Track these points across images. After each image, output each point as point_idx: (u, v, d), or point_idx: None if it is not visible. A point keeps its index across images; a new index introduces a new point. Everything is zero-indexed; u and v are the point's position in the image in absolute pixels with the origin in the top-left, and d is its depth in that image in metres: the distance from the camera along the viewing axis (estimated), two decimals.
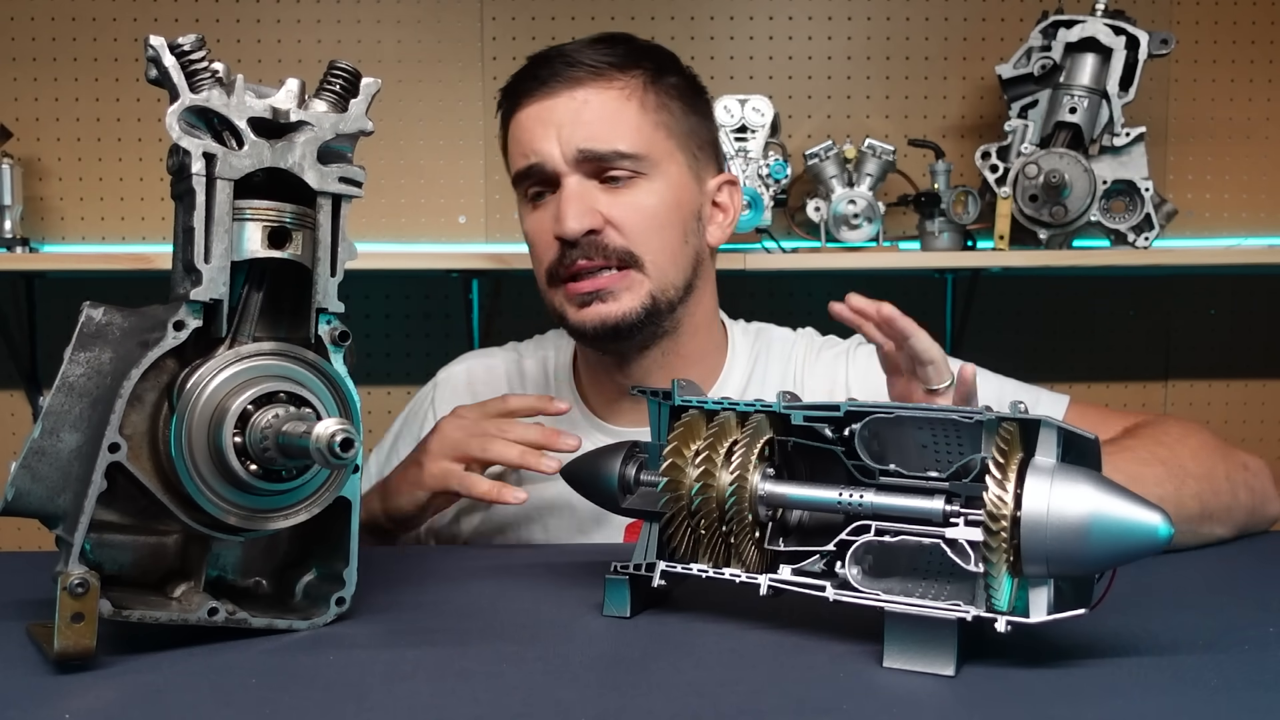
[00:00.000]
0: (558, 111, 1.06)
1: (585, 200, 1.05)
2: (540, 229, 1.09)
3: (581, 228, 1.04)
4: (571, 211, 1.04)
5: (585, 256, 1.05)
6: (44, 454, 0.66)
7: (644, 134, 1.08)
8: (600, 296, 1.06)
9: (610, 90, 1.07)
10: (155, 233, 2.12)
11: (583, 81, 1.07)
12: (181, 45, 0.65)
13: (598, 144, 1.05)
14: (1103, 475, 0.60)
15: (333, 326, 0.70)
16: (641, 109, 1.08)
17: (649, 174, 1.07)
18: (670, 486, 0.69)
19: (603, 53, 1.08)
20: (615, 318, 1.06)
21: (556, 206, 1.06)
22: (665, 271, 1.08)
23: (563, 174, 1.06)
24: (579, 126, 1.05)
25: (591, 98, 1.06)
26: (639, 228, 1.06)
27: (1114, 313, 2.22)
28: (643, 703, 0.56)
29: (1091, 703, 0.56)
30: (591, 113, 1.06)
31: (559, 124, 1.06)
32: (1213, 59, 2.19)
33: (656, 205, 1.07)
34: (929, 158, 2.01)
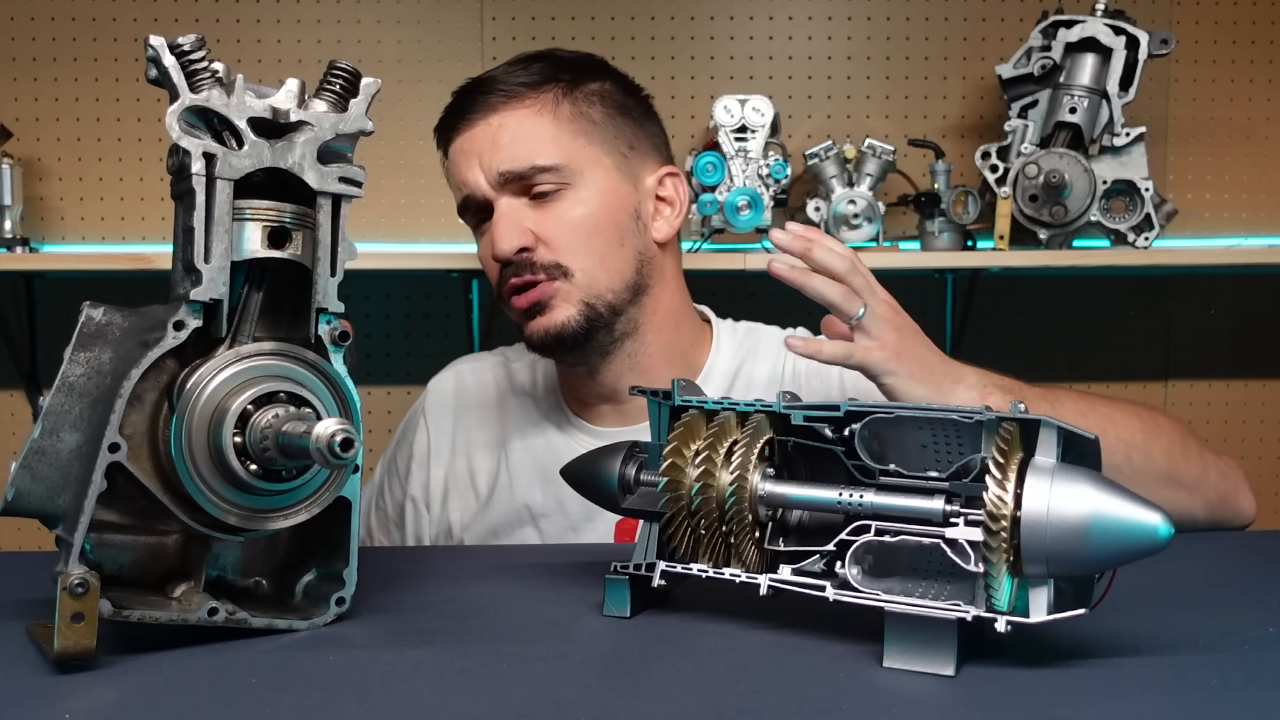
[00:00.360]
0: (477, 140, 1.09)
1: (515, 220, 1.07)
2: (485, 254, 1.12)
3: (512, 248, 1.06)
4: (501, 233, 1.07)
5: (516, 274, 1.08)
6: (44, 454, 0.66)
7: (561, 144, 1.09)
8: (538, 309, 1.08)
9: (522, 109, 1.09)
10: (155, 233, 2.12)
11: (496, 107, 1.09)
12: (181, 45, 0.65)
13: (515, 163, 1.07)
14: (1103, 475, 0.60)
15: (333, 326, 0.70)
16: (555, 121, 1.09)
17: (573, 184, 1.09)
18: (670, 486, 0.69)
19: (517, 74, 1.10)
20: (555, 328, 1.08)
21: (491, 229, 1.09)
22: (596, 278, 1.08)
23: (492, 198, 1.09)
24: (497, 150, 1.08)
25: (505, 120, 1.09)
26: (566, 240, 1.08)
27: (1114, 313, 2.22)
28: (643, 703, 0.56)
29: (1091, 703, 0.56)
30: (507, 134, 1.08)
31: (479, 152, 1.09)
32: (1213, 59, 2.19)
33: (583, 215, 1.09)
34: (929, 158, 2.00)
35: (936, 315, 2.15)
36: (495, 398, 1.25)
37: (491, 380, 1.26)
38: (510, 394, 1.25)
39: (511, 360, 1.28)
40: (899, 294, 0.99)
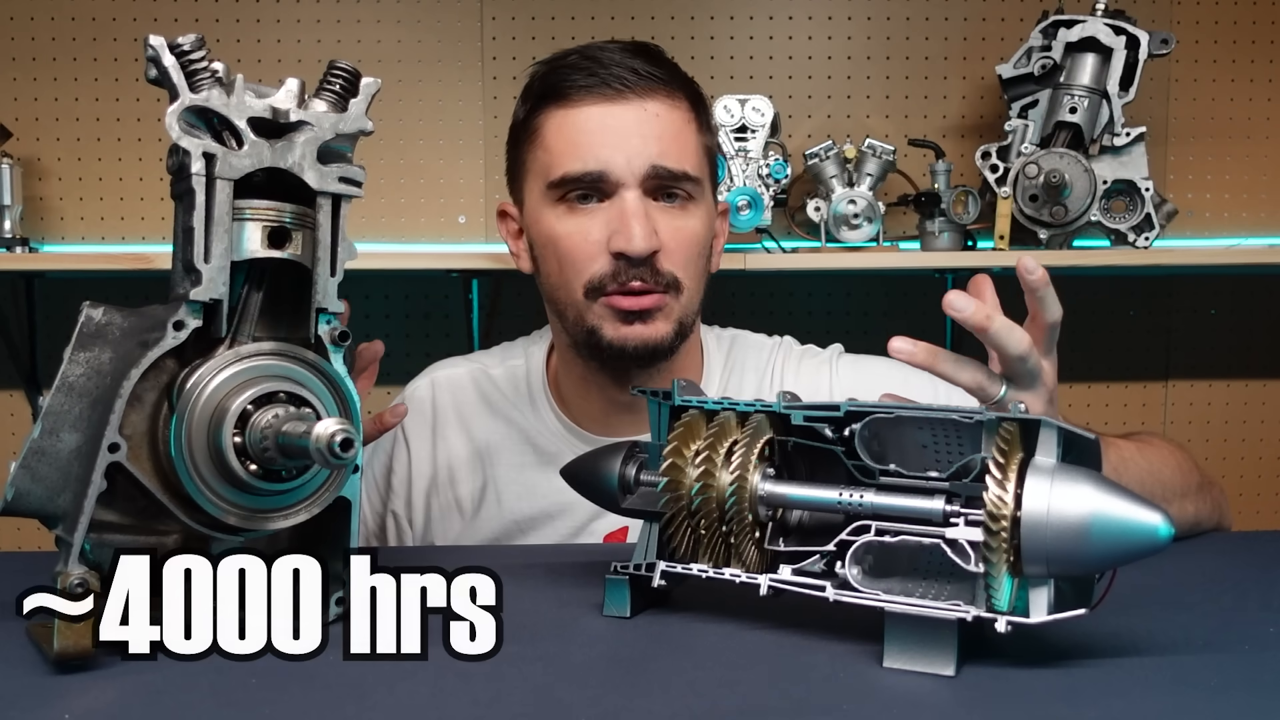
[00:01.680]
0: (626, 119, 1.03)
1: (650, 220, 1.02)
2: (585, 237, 1.04)
3: (649, 248, 1.01)
4: (640, 231, 1.01)
5: (641, 278, 1.02)
6: (44, 454, 0.66)
7: (699, 158, 1.07)
8: (643, 317, 1.04)
9: (677, 109, 1.06)
10: (155, 233, 2.12)
11: (654, 94, 1.04)
12: (181, 45, 0.65)
13: (670, 162, 1.03)
14: (1103, 475, 0.60)
15: (333, 326, 0.69)
16: (698, 132, 1.08)
17: (697, 199, 1.06)
18: (670, 486, 0.69)
19: (660, 68, 1.06)
20: (655, 341, 1.05)
21: (615, 218, 1.02)
22: (693, 298, 1.08)
23: (625, 185, 1.03)
24: (652, 141, 1.03)
25: (663, 113, 1.04)
26: (685, 254, 1.05)
27: (1114, 313, 2.22)
28: (643, 703, 0.56)
29: (1091, 703, 0.56)
30: (663, 127, 1.03)
31: (628, 134, 1.03)
32: (1213, 59, 2.19)
33: (700, 232, 1.07)
34: (929, 158, 2.01)
35: (936, 315, 2.15)
36: (475, 408, 1.20)
37: (470, 383, 1.21)
38: (492, 402, 1.20)
39: (490, 367, 1.22)
40: (898, 294, 0.99)
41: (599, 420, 1.15)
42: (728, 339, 1.23)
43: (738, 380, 1.18)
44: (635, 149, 1.02)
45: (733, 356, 1.20)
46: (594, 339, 1.06)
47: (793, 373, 1.18)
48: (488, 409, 1.20)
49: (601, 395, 1.13)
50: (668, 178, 1.03)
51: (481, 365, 1.24)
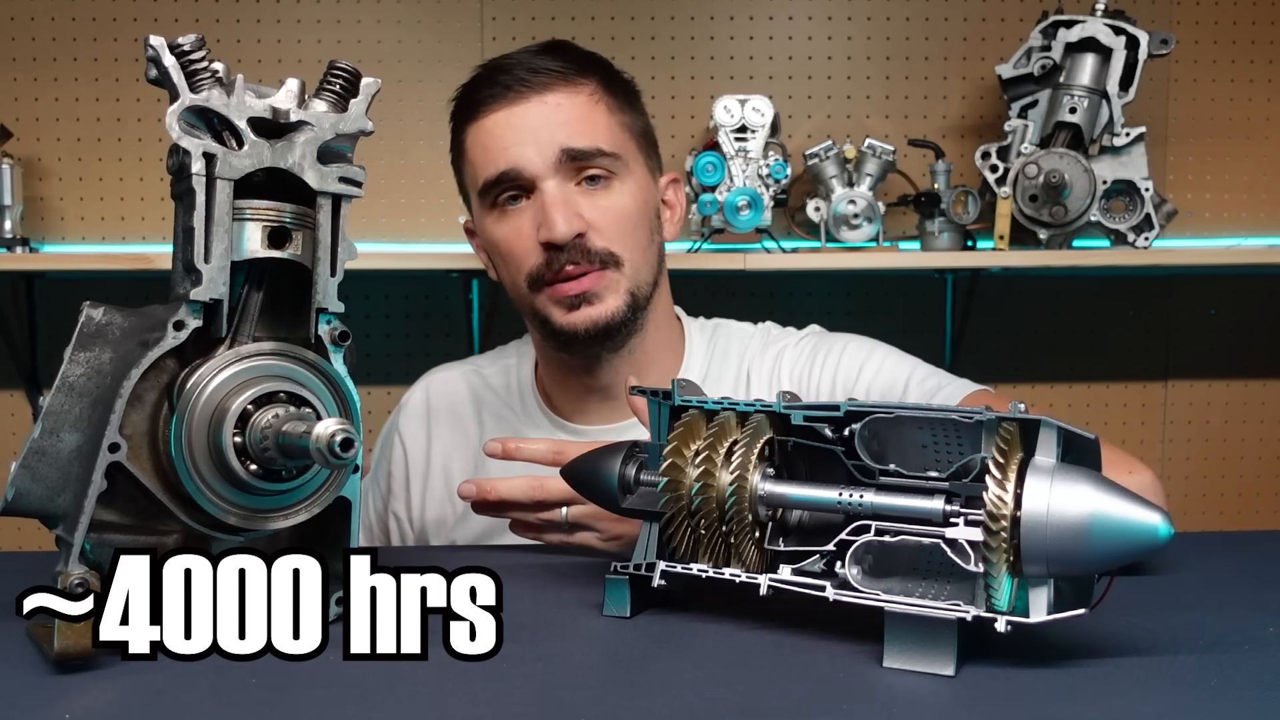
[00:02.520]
0: (530, 116, 1.07)
1: (569, 205, 1.06)
2: (518, 235, 1.09)
3: (571, 231, 1.05)
4: (560, 216, 1.05)
5: (572, 261, 1.06)
6: (44, 454, 0.66)
7: (614, 133, 1.10)
8: (587, 299, 1.07)
9: (579, 94, 1.09)
10: (155, 233, 2.12)
11: (552, 86, 1.08)
12: (181, 45, 0.65)
13: (579, 142, 1.07)
14: (1103, 475, 0.60)
15: (333, 326, 0.70)
16: (609, 110, 1.10)
17: (620, 174, 1.10)
18: (670, 486, 0.69)
19: (559, 60, 1.10)
20: (605, 319, 1.08)
21: (538, 211, 1.07)
22: (639, 269, 1.10)
23: (540, 178, 1.06)
24: (557, 128, 1.06)
25: (564, 101, 1.08)
26: (617, 229, 1.08)
27: (1114, 313, 2.22)
28: (643, 703, 0.56)
29: (1091, 703, 0.56)
30: (565, 114, 1.07)
31: (533, 128, 1.07)
32: (1213, 59, 2.19)
33: (630, 205, 1.09)
34: (929, 158, 2.01)
35: (936, 315, 2.15)
36: (469, 407, 1.24)
37: (465, 389, 1.25)
38: (485, 402, 1.23)
39: (483, 367, 1.27)
40: (899, 294, 0.99)
41: (579, 409, 1.18)
42: (710, 328, 1.25)
43: (719, 366, 1.21)
44: (543, 140, 1.06)
45: (715, 345, 1.23)
46: (548, 328, 1.10)
47: (760, 356, 1.21)
48: (480, 408, 1.23)
49: (578, 383, 1.17)
50: (580, 158, 1.07)
51: (474, 366, 1.28)
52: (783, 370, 1.18)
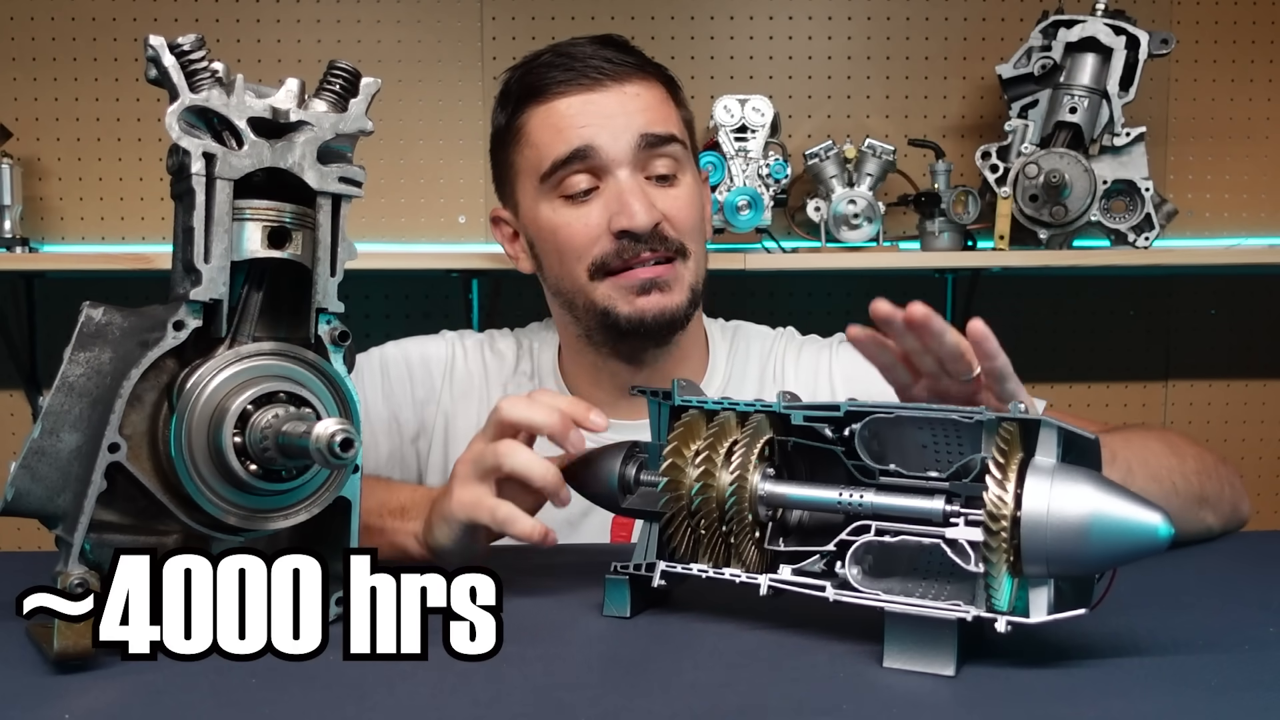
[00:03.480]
0: (608, 104, 1.07)
1: (646, 194, 1.07)
2: (586, 224, 1.07)
3: (651, 220, 1.05)
4: (640, 205, 1.05)
5: (650, 248, 1.06)
6: (44, 454, 0.66)
7: (681, 130, 1.12)
8: (659, 285, 1.07)
9: (656, 89, 1.11)
10: (155, 233, 2.12)
11: (629, 76, 1.09)
12: (181, 45, 0.65)
13: (657, 127, 1.07)
14: (1103, 475, 0.60)
15: (333, 326, 0.70)
16: (676, 107, 1.13)
17: (683, 170, 1.11)
18: (670, 486, 0.69)
19: (626, 53, 1.11)
20: (673, 308, 1.08)
21: (612, 200, 1.06)
22: (700, 265, 1.12)
23: (615, 163, 1.06)
24: (636, 115, 1.07)
25: (642, 91, 1.09)
26: (688, 222, 1.09)
27: (1114, 313, 2.22)
28: (643, 703, 0.56)
29: (1091, 703, 0.56)
30: (643, 102, 1.08)
31: (611, 114, 1.07)
32: (1213, 59, 2.19)
33: (693, 201, 1.11)
34: (929, 158, 2.00)
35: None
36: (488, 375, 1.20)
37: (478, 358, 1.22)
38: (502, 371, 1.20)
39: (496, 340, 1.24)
40: (899, 294, 0.99)
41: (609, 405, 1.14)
42: (730, 329, 1.25)
43: (740, 369, 1.20)
44: (621, 126, 1.06)
45: (736, 346, 1.22)
46: (608, 319, 1.08)
47: (793, 361, 1.21)
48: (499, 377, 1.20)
49: (613, 382, 1.15)
50: (658, 144, 1.08)
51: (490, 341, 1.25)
52: (835, 373, 1.18)
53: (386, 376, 1.19)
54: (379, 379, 1.19)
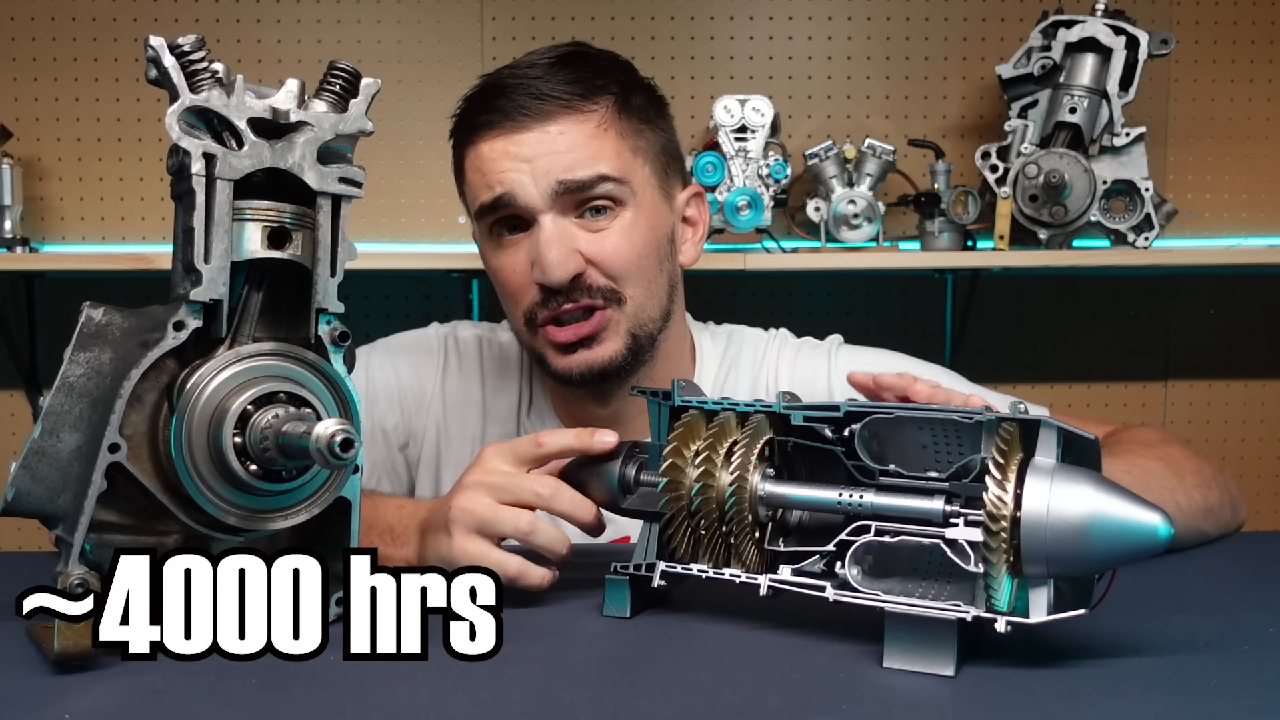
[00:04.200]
0: (528, 145, 1.00)
1: (565, 242, 1.00)
2: (514, 270, 1.03)
3: (567, 274, 0.99)
4: (553, 258, 0.99)
5: (570, 300, 1.00)
6: (44, 454, 0.66)
7: (623, 160, 1.03)
8: (584, 343, 1.02)
9: (586, 123, 1.02)
10: (155, 233, 2.12)
11: (554, 115, 1.01)
12: (181, 45, 0.65)
13: (578, 172, 1.00)
14: (1103, 475, 0.60)
15: (333, 327, 0.70)
16: (619, 137, 1.03)
17: (627, 203, 1.03)
18: (670, 487, 0.69)
19: (568, 80, 1.02)
20: (601, 363, 1.03)
21: (534, 249, 1.01)
22: (643, 306, 1.04)
23: (538, 212, 1.00)
24: (556, 158, 1.00)
25: (568, 129, 1.01)
26: (619, 264, 1.02)
27: (1114, 313, 2.22)
28: (643, 703, 0.56)
29: (1091, 703, 0.56)
30: (567, 142, 1.01)
31: (531, 157, 1.00)
32: (1213, 59, 2.19)
33: (635, 238, 1.03)
34: (929, 158, 2.01)
35: (936, 315, 2.15)
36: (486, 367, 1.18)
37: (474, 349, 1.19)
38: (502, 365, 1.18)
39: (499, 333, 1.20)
40: (899, 294, 0.99)
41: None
42: (723, 335, 1.21)
43: (734, 377, 1.17)
44: (540, 170, 1.00)
45: (728, 353, 1.19)
46: (545, 366, 1.06)
47: (789, 365, 1.17)
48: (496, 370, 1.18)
49: (584, 411, 1.12)
50: (579, 189, 1.00)
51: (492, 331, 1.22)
52: (834, 378, 1.14)
53: (371, 383, 1.16)
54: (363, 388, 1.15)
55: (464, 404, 1.17)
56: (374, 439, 1.15)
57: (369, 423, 1.14)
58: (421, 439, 1.17)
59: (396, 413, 1.16)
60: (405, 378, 1.17)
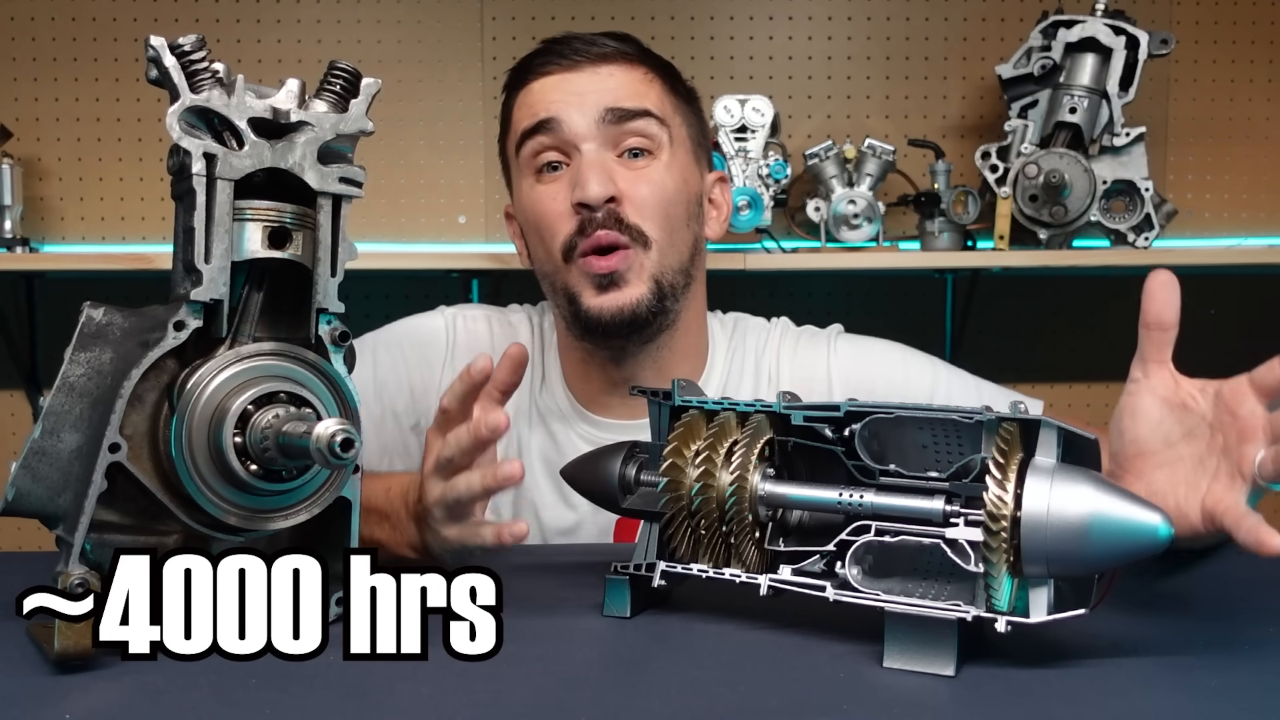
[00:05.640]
0: (580, 82, 1.08)
1: (605, 169, 1.04)
2: (552, 200, 1.06)
3: (604, 193, 1.03)
4: (594, 176, 1.03)
5: (604, 226, 1.03)
6: (44, 454, 0.66)
7: (666, 108, 1.10)
8: (614, 280, 1.04)
9: (635, 71, 1.10)
10: (155, 233, 2.12)
11: (609, 58, 1.09)
12: (182, 45, 0.65)
13: (625, 102, 1.06)
14: (1102, 475, 0.60)
15: (333, 327, 0.70)
16: (661, 90, 1.11)
17: (662, 151, 1.08)
18: (670, 487, 0.69)
19: (622, 42, 1.11)
20: (630, 305, 1.04)
21: (575, 174, 1.05)
22: (666, 253, 1.07)
23: (580, 138, 1.05)
24: (605, 92, 1.07)
25: (617, 72, 1.09)
26: (650, 204, 1.06)
27: (1114, 313, 2.22)
28: (643, 703, 0.56)
29: (1091, 703, 0.56)
30: (617, 81, 1.08)
31: (581, 92, 1.07)
32: (1213, 59, 2.19)
33: (667, 183, 1.08)
34: (929, 158, 2.01)
35: (936, 315, 2.15)
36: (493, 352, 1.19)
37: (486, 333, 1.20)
38: None
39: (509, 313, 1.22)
40: (899, 294, 0.99)
41: (600, 402, 1.14)
42: (730, 322, 1.23)
43: (739, 362, 1.19)
44: (590, 102, 1.06)
45: (734, 340, 1.21)
46: (575, 307, 1.07)
47: (789, 353, 1.19)
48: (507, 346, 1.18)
49: (601, 375, 1.13)
50: (625, 118, 1.06)
51: (502, 313, 1.23)
52: (833, 368, 1.16)
53: (379, 367, 1.16)
54: (370, 374, 1.16)
55: None
56: (385, 422, 1.16)
57: (380, 406, 1.15)
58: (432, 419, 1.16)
59: (406, 394, 1.17)
60: (412, 359, 1.17)
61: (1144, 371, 0.67)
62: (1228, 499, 0.63)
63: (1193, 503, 0.65)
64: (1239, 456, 0.63)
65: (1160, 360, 0.66)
